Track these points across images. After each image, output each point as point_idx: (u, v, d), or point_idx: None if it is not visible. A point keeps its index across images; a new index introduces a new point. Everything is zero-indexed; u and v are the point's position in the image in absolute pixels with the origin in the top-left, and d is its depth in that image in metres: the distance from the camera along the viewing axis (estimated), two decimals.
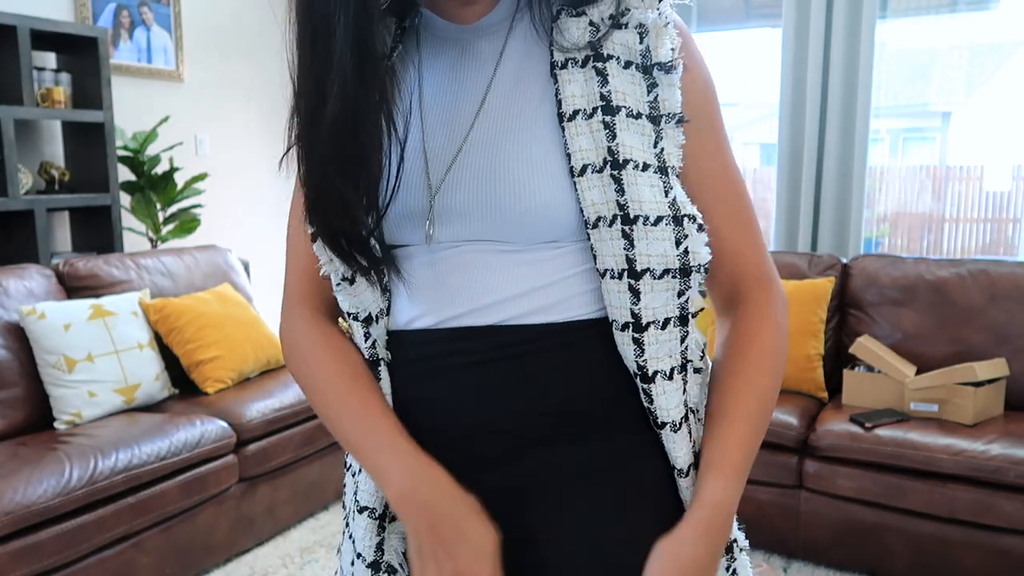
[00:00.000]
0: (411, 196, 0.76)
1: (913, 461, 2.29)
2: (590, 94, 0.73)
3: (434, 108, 0.78)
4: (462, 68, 0.78)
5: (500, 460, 0.75)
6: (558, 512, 0.75)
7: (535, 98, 0.75)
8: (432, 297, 0.76)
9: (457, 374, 0.75)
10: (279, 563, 2.58)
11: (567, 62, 0.73)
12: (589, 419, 0.75)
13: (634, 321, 0.73)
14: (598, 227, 0.72)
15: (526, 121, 0.74)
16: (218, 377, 2.77)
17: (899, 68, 4.61)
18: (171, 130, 4.72)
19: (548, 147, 0.73)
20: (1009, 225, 4.38)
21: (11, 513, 1.92)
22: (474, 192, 0.74)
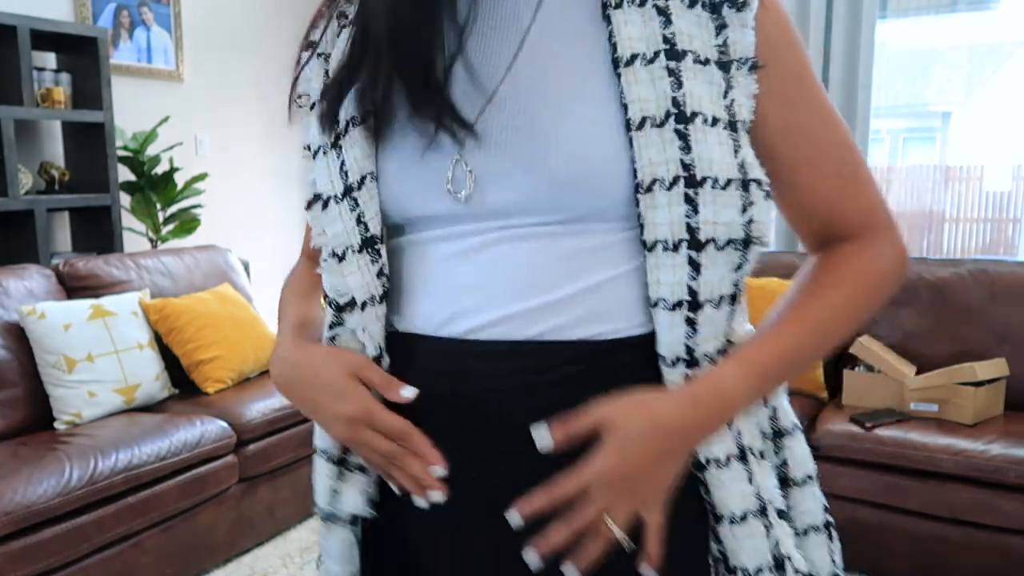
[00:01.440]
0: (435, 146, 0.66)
1: (913, 461, 2.29)
2: (651, 36, 0.63)
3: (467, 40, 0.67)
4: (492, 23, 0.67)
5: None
6: None
7: (585, 40, 0.65)
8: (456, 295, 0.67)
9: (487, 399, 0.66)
10: (279, 563, 2.58)
11: (620, 2, 0.64)
12: None
13: (691, 299, 0.64)
14: (652, 191, 0.62)
15: (574, 67, 0.65)
16: (218, 377, 2.77)
17: (899, 68, 4.62)
18: (171, 130, 4.72)
19: (601, 97, 0.64)
20: (1009, 225, 4.38)
21: (11, 513, 1.91)
22: (513, 151, 0.64)
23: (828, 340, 0.69)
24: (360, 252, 0.68)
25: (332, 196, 0.69)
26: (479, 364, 0.66)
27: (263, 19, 5.34)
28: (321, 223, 0.70)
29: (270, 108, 5.43)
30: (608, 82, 0.64)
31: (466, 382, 0.66)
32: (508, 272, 0.65)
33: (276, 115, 5.49)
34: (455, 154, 0.65)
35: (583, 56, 0.65)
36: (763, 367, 0.67)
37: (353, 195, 0.68)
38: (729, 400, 0.65)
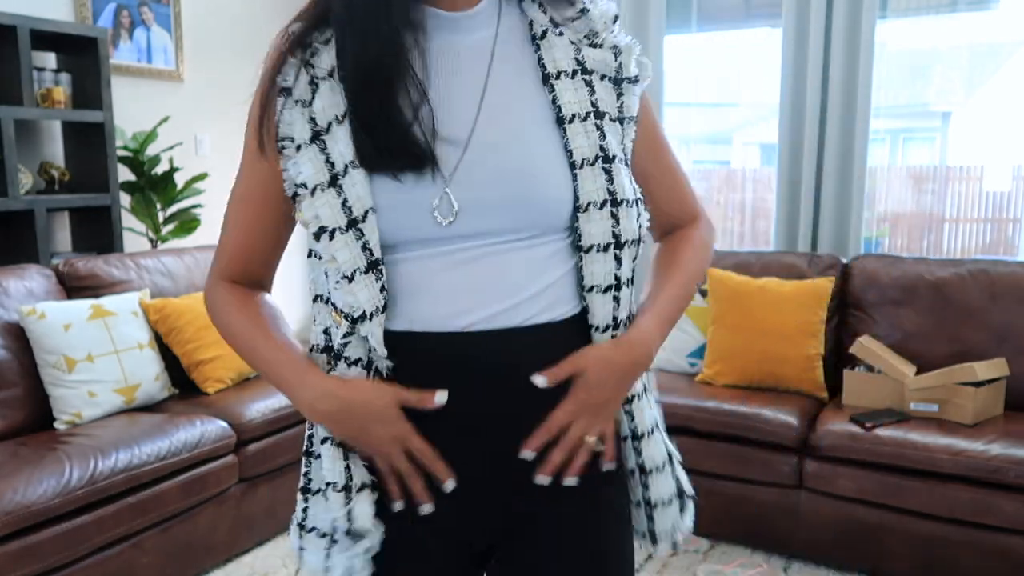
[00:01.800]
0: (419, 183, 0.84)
1: (913, 461, 2.29)
2: (582, 100, 0.89)
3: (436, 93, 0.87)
4: (453, 63, 0.88)
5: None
6: None
7: (534, 101, 0.89)
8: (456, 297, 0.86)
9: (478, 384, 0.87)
10: (279, 563, 2.58)
11: (559, 74, 0.89)
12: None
13: (615, 283, 0.90)
14: (588, 210, 0.87)
15: (530, 122, 0.88)
16: (218, 377, 2.77)
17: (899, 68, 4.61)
18: (171, 130, 4.72)
19: (554, 145, 0.88)
20: (1009, 225, 4.38)
21: (11, 513, 1.92)
22: (498, 187, 0.85)
23: (692, 288, 0.99)
24: (367, 273, 0.84)
25: (337, 227, 0.84)
26: (476, 350, 0.86)
27: (263, 19, 5.34)
28: (330, 251, 0.85)
29: None
30: (555, 133, 0.88)
31: (467, 364, 0.87)
32: (490, 279, 0.86)
33: None
34: (442, 190, 0.84)
35: (535, 114, 0.88)
36: (665, 315, 0.95)
37: (358, 227, 0.83)
38: (652, 342, 0.92)
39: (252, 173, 0.92)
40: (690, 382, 2.86)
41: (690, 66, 4.76)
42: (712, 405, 2.61)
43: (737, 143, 6.48)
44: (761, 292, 2.83)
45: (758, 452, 2.52)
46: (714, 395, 2.68)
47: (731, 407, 2.59)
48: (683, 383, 2.85)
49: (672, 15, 4.47)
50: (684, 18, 4.50)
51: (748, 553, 2.62)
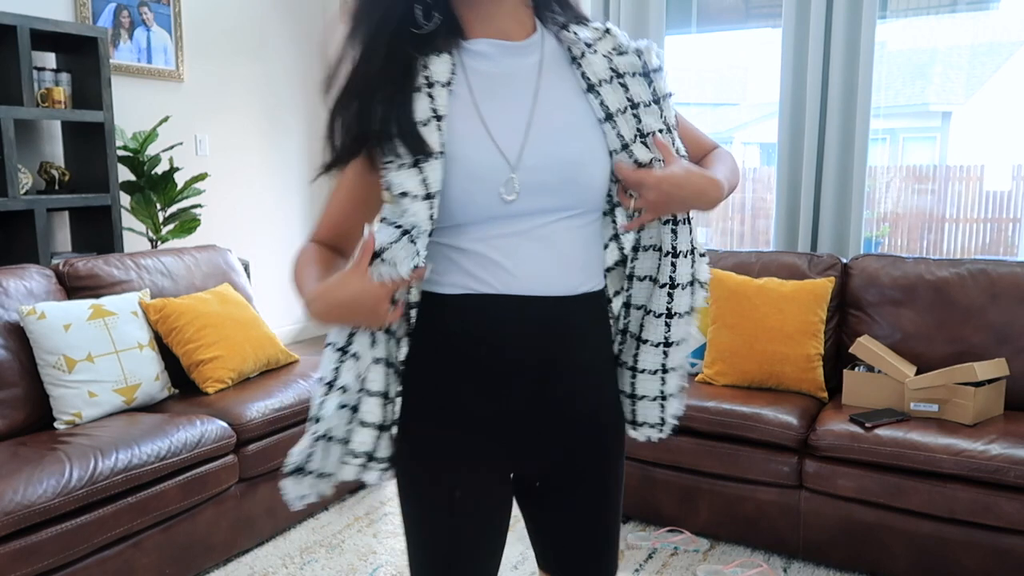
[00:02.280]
0: (486, 165, 1.05)
1: (913, 461, 2.29)
2: (620, 99, 1.11)
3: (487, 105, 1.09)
4: (510, 80, 1.10)
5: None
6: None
7: (577, 106, 1.12)
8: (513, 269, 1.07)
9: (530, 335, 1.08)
10: (279, 563, 2.58)
11: (600, 82, 1.12)
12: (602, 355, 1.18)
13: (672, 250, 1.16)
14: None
15: (576, 123, 1.10)
16: (218, 377, 2.77)
17: (899, 68, 4.61)
18: (171, 130, 4.72)
19: (598, 139, 1.11)
20: (1009, 225, 4.38)
21: (11, 513, 1.92)
22: (552, 172, 1.07)
23: (734, 176, 1.23)
24: (428, 235, 1.05)
25: (416, 195, 1.03)
26: (532, 310, 1.08)
27: (263, 19, 5.34)
28: (406, 210, 1.04)
29: (270, 108, 5.43)
30: (599, 129, 1.11)
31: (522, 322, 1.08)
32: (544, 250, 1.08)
33: (276, 115, 5.49)
34: (509, 174, 1.05)
35: (579, 115, 1.11)
36: (724, 180, 1.17)
37: (432, 200, 1.03)
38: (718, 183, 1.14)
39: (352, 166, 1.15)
40: (690, 382, 2.86)
41: (690, 66, 4.76)
42: (712, 405, 2.61)
43: (737, 143, 6.48)
44: (761, 292, 2.83)
45: (758, 452, 2.52)
46: (714, 395, 2.68)
47: (731, 407, 2.59)
48: None
49: (672, 15, 4.47)
50: (684, 18, 4.50)
51: (748, 553, 2.62)
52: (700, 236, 1.19)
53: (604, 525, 1.22)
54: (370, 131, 1.07)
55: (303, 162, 5.76)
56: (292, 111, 5.61)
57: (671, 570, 2.52)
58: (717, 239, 4.90)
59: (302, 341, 5.80)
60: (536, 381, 1.09)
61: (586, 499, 1.19)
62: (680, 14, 4.48)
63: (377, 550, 2.67)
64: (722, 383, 2.82)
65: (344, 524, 2.87)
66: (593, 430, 1.17)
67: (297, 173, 5.72)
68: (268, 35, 5.38)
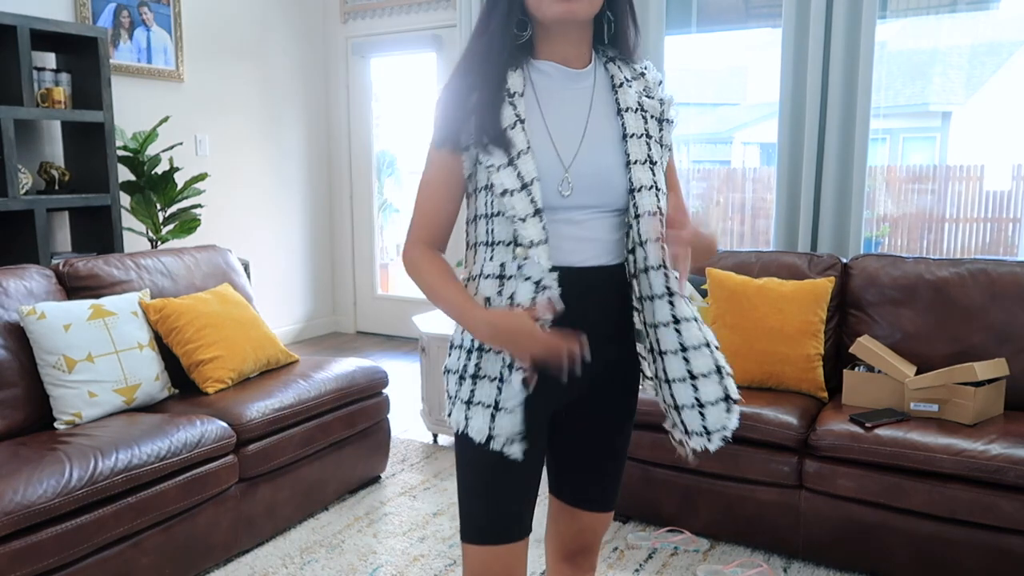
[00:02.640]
0: (549, 166, 1.33)
1: (913, 461, 2.29)
2: (639, 125, 1.39)
3: (552, 116, 1.37)
4: (567, 96, 1.38)
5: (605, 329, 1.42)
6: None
7: (612, 124, 1.39)
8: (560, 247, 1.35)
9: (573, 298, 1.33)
10: (279, 563, 2.58)
11: (627, 109, 1.39)
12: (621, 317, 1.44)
13: (657, 237, 1.35)
14: (640, 191, 1.36)
15: (612, 139, 1.38)
16: (218, 377, 2.77)
17: (899, 68, 4.61)
18: (171, 130, 4.72)
19: (621, 152, 1.38)
20: (1009, 225, 4.38)
21: (11, 513, 1.92)
22: (595, 176, 1.35)
23: None
24: (534, 217, 1.30)
25: (514, 189, 1.29)
26: (584, 280, 1.36)
27: (263, 19, 5.34)
28: (508, 203, 1.30)
29: (270, 108, 5.43)
30: (621, 146, 1.38)
31: (577, 286, 1.35)
32: (593, 237, 1.37)
33: (276, 115, 5.49)
34: (564, 174, 1.33)
35: (612, 133, 1.38)
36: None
37: (529, 188, 1.30)
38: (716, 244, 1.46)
39: (441, 166, 1.38)
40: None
41: (690, 66, 4.76)
42: None
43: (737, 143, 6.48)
44: (761, 292, 2.83)
45: (758, 452, 2.52)
46: None
47: None
48: None
49: (672, 15, 4.47)
50: (684, 18, 4.50)
51: (748, 553, 2.62)
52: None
53: (617, 457, 1.53)
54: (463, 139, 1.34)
55: (303, 162, 5.76)
56: (292, 111, 5.61)
57: (671, 570, 2.52)
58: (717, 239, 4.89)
59: (302, 341, 5.81)
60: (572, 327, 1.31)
61: (599, 426, 1.49)
62: (680, 14, 4.48)
63: (377, 550, 2.67)
64: None
65: (344, 524, 2.87)
66: (612, 371, 1.45)
67: (297, 173, 5.72)
68: (268, 35, 5.38)
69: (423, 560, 2.60)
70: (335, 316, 6.18)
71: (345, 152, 5.93)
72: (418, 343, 4.51)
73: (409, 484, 3.22)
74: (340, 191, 6.00)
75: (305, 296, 5.91)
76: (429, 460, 3.48)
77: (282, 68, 5.51)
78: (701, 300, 3.01)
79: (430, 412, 3.63)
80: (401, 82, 5.91)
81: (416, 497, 3.09)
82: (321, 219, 5.97)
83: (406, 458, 3.51)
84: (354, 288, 6.11)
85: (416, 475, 3.32)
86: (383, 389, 3.18)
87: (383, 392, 3.19)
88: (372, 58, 5.75)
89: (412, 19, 5.49)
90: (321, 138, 5.89)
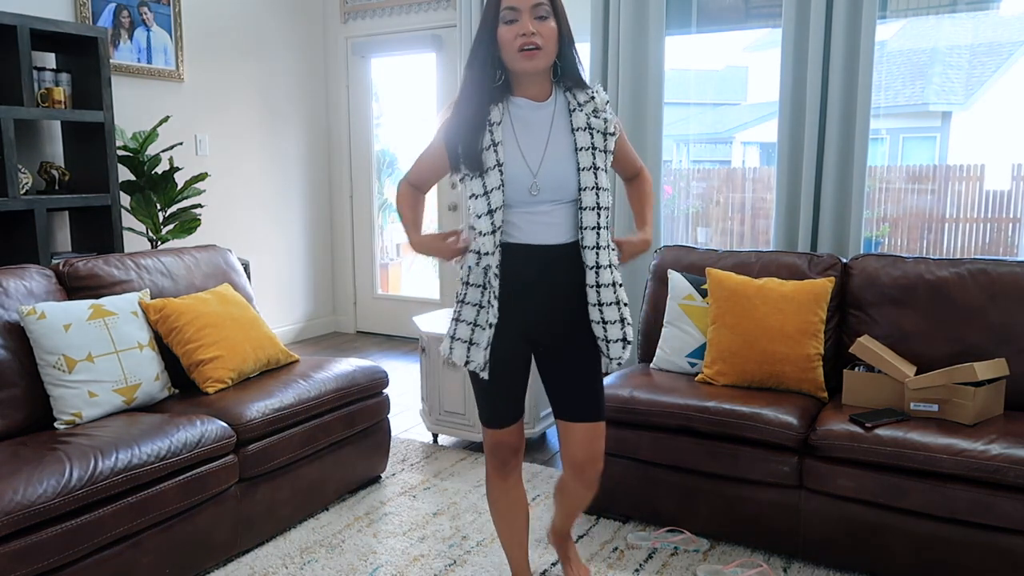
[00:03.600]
0: (521, 175, 1.90)
1: (913, 461, 2.29)
2: (586, 142, 1.92)
3: (523, 138, 1.93)
4: (533, 123, 1.93)
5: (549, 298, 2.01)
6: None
7: (567, 139, 1.93)
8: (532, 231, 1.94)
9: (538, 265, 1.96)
10: (279, 563, 2.58)
11: (579, 128, 1.93)
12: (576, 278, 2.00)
13: (595, 227, 1.93)
14: (585, 190, 1.91)
15: (567, 152, 1.93)
16: (218, 377, 2.77)
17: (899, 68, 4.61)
18: (171, 130, 4.72)
19: (574, 161, 1.92)
20: (1009, 225, 4.38)
21: (11, 513, 1.92)
22: (555, 180, 1.91)
23: (652, 201, 2.20)
24: (487, 215, 1.89)
25: (478, 194, 1.89)
26: (545, 251, 1.95)
27: (263, 19, 5.34)
28: (472, 204, 1.90)
29: (270, 108, 5.43)
30: (574, 155, 1.93)
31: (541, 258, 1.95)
32: (556, 222, 1.94)
33: (276, 115, 5.49)
34: (532, 179, 1.90)
35: (567, 147, 1.93)
36: (649, 223, 2.16)
37: (488, 195, 1.89)
38: (650, 243, 2.10)
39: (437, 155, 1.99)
40: (690, 382, 2.86)
41: (690, 66, 4.76)
42: (712, 405, 2.61)
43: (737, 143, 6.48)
44: (761, 292, 2.83)
45: (758, 452, 2.52)
46: (714, 395, 2.68)
47: (731, 407, 2.59)
48: (683, 383, 2.85)
49: (672, 15, 4.47)
50: (684, 18, 4.50)
51: (748, 553, 2.62)
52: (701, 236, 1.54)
53: (587, 378, 2.05)
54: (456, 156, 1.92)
55: (303, 162, 5.76)
56: (292, 111, 5.61)
57: (671, 570, 2.52)
58: (717, 239, 4.89)
59: (302, 341, 5.81)
60: (541, 289, 1.97)
61: (573, 358, 2.03)
62: (680, 14, 4.48)
63: (377, 550, 2.67)
64: (722, 383, 2.82)
65: (344, 524, 2.87)
66: (573, 319, 2.01)
67: (297, 173, 5.72)
68: (268, 35, 5.37)
69: (423, 560, 2.60)
70: (335, 316, 6.18)
71: (345, 152, 5.93)
72: (418, 343, 4.51)
73: (409, 484, 3.22)
74: (340, 191, 6.00)
75: (305, 296, 5.91)
76: (429, 460, 3.48)
77: (282, 68, 5.51)
78: (701, 300, 3.01)
79: (430, 412, 3.63)
80: (401, 82, 5.91)
81: (416, 497, 3.09)
82: (321, 219, 5.97)
83: (406, 458, 3.51)
84: (354, 288, 6.11)
85: (416, 475, 3.32)
86: (383, 389, 3.18)
87: (383, 392, 3.19)
88: (372, 58, 5.75)
89: (412, 19, 5.49)
90: (321, 138, 5.89)
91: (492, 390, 2.04)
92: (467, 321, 1.99)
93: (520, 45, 1.82)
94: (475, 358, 1.97)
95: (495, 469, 2.15)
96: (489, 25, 1.85)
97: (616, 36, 4.45)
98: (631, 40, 4.42)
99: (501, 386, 2.03)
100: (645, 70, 4.46)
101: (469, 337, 1.99)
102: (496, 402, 2.06)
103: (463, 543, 2.71)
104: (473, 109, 1.88)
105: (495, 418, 2.08)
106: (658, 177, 4.48)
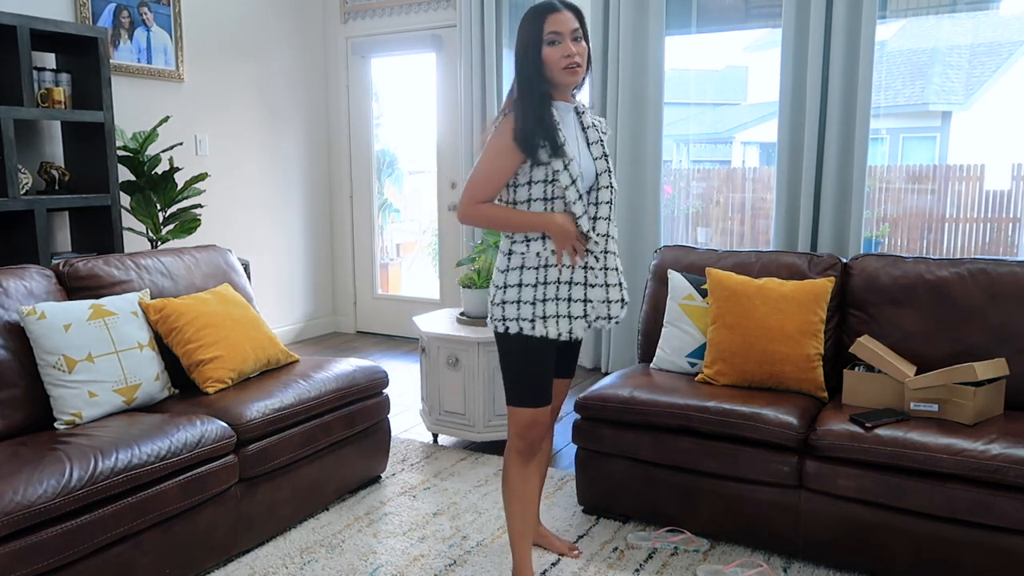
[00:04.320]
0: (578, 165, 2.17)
1: (913, 461, 2.29)
2: (596, 137, 2.24)
3: (568, 136, 2.17)
4: (568, 123, 2.20)
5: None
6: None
7: (582, 138, 2.23)
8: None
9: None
10: (279, 563, 2.58)
11: (589, 127, 2.25)
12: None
13: (609, 202, 2.23)
14: (602, 175, 2.21)
15: (585, 146, 2.22)
16: (218, 377, 2.77)
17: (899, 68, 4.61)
18: (171, 130, 4.72)
19: (589, 154, 2.22)
20: (1009, 225, 4.38)
21: (11, 513, 1.92)
22: (587, 169, 2.19)
23: None
24: (579, 200, 2.15)
25: (568, 184, 2.11)
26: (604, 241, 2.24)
27: (263, 19, 5.34)
28: (567, 193, 2.12)
29: (270, 108, 5.43)
30: (589, 148, 2.23)
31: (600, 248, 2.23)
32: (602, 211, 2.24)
33: (276, 115, 5.49)
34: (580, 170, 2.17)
35: (584, 141, 2.23)
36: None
37: (576, 183, 2.13)
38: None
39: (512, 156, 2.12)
40: (690, 382, 2.86)
41: (690, 66, 4.76)
42: (712, 405, 2.61)
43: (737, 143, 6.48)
44: (761, 292, 2.83)
45: (758, 452, 2.52)
46: (714, 395, 2.68)
47: (731, 407, 2.59)
48: (683, 383, 2.85)
49: (672, 15, 4.47)
50: (684, 18, 4.50)
51: (748, 553, 2.62)
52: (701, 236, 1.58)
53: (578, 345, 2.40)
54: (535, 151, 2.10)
55: (303, 162, 5.76)
56: (292, 111, 5.61)
57: (671, 570, 2.52)
58: (717, 239, 4.89)
59: (302, 341, 5.81)
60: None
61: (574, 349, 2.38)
62: (680, 14, 4.48)
63: (377, 550, 2.67)
64: (722, 383, 2.82)
65: (344, 524, 2.87)
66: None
67: (297, 173, 5.72)
68: (268, 35, 5.37)
69: (423, 560, 2.60)
70: (335, 316, 6.18)
71: (345, 152, 5.93)
72: (418, 343, 4.51)
73: (409, 484, 3.22)
74: (340, 191, 6.00)
75: (305, 296, 5.91)
76: (429, 460, 3.48)
77: (282, 68, 5.51)
78: (701, 300, 3.01)
79: (430, 412, 3.63)
80: (401, 82, 5.91)
81: (416, 497, 3.09)
82: (321, 219, 5.97)
83: (406, 458, 3.51)
84: (354, 288, 6.11)
85: (416, 475, 3.32)
86: (383, 389, 3.18)
87: (383, 392, 3.19)
88: (372, 58, 5.75)
89: (412, 19, 5.49)
90: (321, 138, 5.89)
91: (548, 367, 2.18)
92: (561, 298, 2.16)
93: (566, 64, 2.11)
94: (576, 328, 2.17)
95: (521, 452, 2.23)
96: (535, 46, 2.11)
97: (616, 36, 4.45)
98: (631, 40, 4.42)
99: (551, 361, 2.19)
100: (645, 70, 4.46)
101: (567, 312, 2.16)
102: (547, 378, 2.19)
103: (463, 543, 2.71)
104: (545, 110, 2.11)
105: (544, 395, 2.20)
106: (658, 177, 4.48)
